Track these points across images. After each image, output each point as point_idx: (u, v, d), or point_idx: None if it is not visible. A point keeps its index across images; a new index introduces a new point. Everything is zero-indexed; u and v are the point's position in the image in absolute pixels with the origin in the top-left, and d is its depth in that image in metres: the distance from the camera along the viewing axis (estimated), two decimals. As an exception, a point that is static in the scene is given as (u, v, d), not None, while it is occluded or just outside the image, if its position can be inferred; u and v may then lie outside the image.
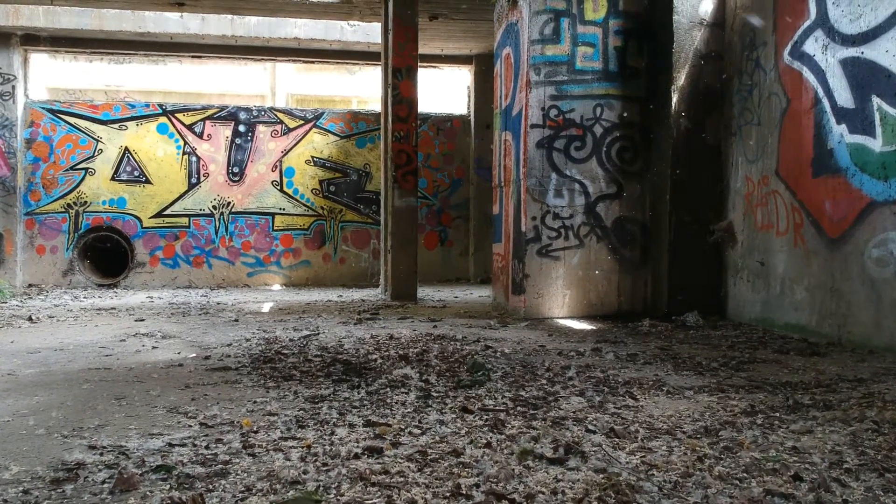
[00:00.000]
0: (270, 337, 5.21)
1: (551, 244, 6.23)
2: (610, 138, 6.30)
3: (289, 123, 12.03)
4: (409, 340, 4.96)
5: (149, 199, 11.63)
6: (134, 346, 4.91)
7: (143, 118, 11.72)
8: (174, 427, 2.81)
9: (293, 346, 4.73)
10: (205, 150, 11.77)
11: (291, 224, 12.00)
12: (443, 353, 4.38)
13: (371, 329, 5.68)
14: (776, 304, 5.39)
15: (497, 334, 5.37)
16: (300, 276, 11.93)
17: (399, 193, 8.61)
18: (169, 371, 3.98)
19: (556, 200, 6.24)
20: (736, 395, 3.31)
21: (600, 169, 6.30)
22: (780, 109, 5.37)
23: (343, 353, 4.44)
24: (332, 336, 5.26)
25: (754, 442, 2.55)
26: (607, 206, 6.32)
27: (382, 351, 4.52)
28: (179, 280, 11.60)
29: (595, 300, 6.29)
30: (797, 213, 5.15)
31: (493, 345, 4.77)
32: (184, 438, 2.64)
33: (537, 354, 4.43)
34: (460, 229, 12.55)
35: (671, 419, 2.89)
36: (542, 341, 4.99)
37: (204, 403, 3.19)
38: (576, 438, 2.58)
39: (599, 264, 6.30)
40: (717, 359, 4.24)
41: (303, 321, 6.26)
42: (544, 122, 6.19)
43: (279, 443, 2.57)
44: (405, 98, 8.63)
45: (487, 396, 3.28)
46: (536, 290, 6.21)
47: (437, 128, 12.55)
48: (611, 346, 4.76)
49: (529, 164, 6.19)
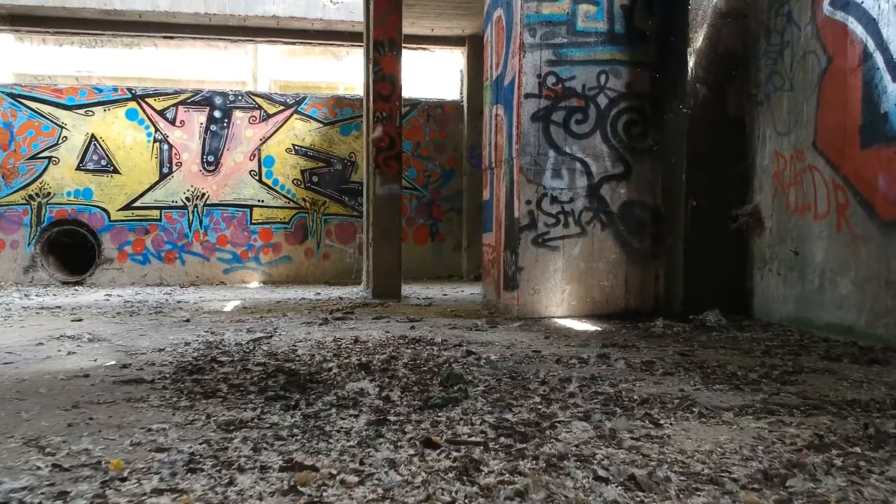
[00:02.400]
0: (215, 340, 4.39)
1: (549, 232, 5.40)
2: (616, 110, 5.47)
3: (268, 109, 11.20)
4: (376, 345, 4.13)
5: (117, 190, 10.81)
6: (48, 350, 4.09)
7: (110, 103, 10.89)
8: (16, 469, 1.99)
9: (236, 352, 3.91)
10: (177, 137, 10.95)
11: (271, 217, 11.17)
12: (414, 361, 3.56)
13: (337, 331, 4.85)
14: (814, 301, 4.56)
15: (484, 337, 4.54)
16: (280, 273, 11.11)
17: (381, 180, 7.78)
18: (67, 384, 3.16)
19: (554, 182, 5.40)
20: (792, 420, 2.49)
21: (605, 145, 5.47)
22: (819, 70, 4.54)
23: (292, 361, 3.62)
24: (287, 339, 4.43)
25: (845, 501, 1.73)
26: (613, 188, 5.49)
27: (342, 357, 3.70)
28: (150, 277, 10.77)
29: (599, 297, 5.46)
30: (841, 191, 4.32)
31: (477, 350, 3.94)
32: (18, 489, 1.83)
33: (530, 362, 3.61)
34: (452, 223, 11.73)
35: (712, 457, 2.07)
36: (536, 345, 4.17)
37: (80, 432, 2.37)
38: (581, 495, 1.76)
39: (604, 255, 5.48)
40: (754, 368, 3.41)
41: (262, 322, 5.44)
42: (540, 91, 5.36)
43: (146, 499, 1.75)
44: (387, 74, 7.80)
45: (462, 420, 2.47)
46: (531, 286, 5.38)
47: (428, 114, 11.71)
48: (620, 351, 3.93)
49: (523, 140, 5.36)
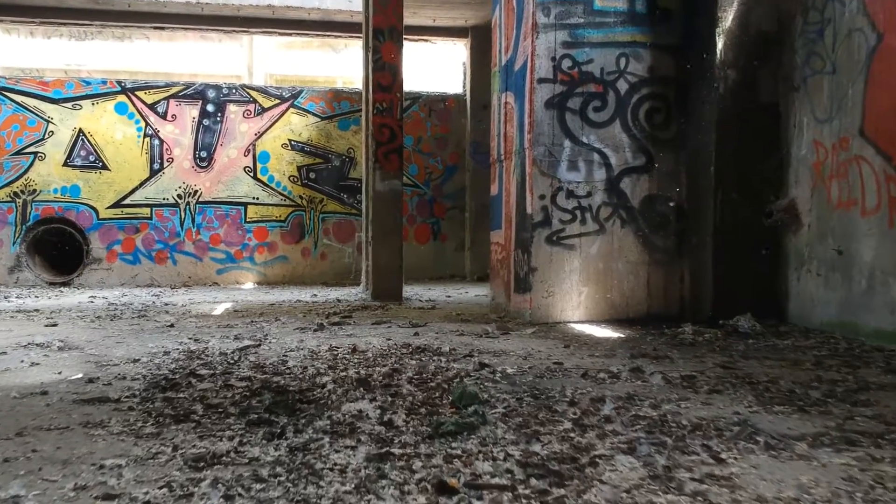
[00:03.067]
0: (198, 349, 3.95)
1: (564, 229, 4.96)
2: (637, 96, 5.03)
3: (263, 103, 10.75)
4: (377, 355, 3.69)
5: (106, 187, 10.36)
6: (10, 361, 3.64)
7: (99, 97, 10.44)
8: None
9: (219, 364, 3.47)
10: (169, 132, 10.50)
11: (266, 215, 10.72)
12: (420, 375, 3.12)
13: (333, 338, 4.41)
14: (861, 305, 4.12)
15: (496, 345, 4.10)
16: (276, 274, 10.66)
17: (381, 175, 7.34)
18: (18, 404, 2.72)
19: (570, 174, 4.96)
20: (881, 454, 2.06)
21: (625, 135, 5.03)
22: (867, 49, 4.10)
23: (282, 375, 3.18)
24: (278, 348, 3.99)
25: None
26: (634, 181, 5.05)
27: (338, 370, 3.26)
28: (140, 278, 10.33)
29: (619, 300, 5.02)
30: (894, 183, 3.89)
31: (490, 361, 3.50)
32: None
33: (553, 377, 3.17)
34: (455, 221, 11.28)
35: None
36: (557, 355, 3.73)
37: (15, 471, 1.93)
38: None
39: (624, 254, 5.04)
40: (811, 384, 2.97)
41: (252, 327, 5.00)
42: (555, 75, 4.92)
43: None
44: (388, 63, 7.36)
45: (481, 454, 2.04)
46: (546, 288, 4.94)
47: (430, 108, 11.27)
48: (653, 363, 3.49)
49: (537, 129, 4.92)
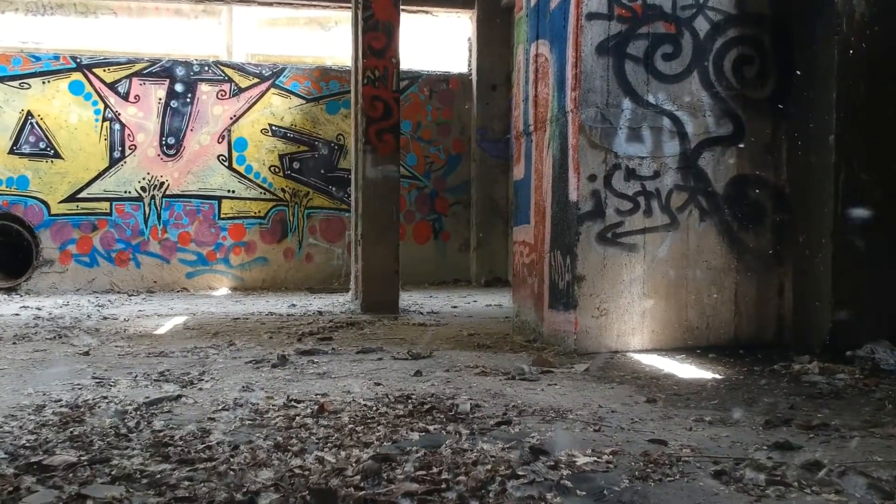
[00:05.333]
0: (91, 400, 2.58)
1: (623, 223, 3.59)
2: (722, 41, 3.66)
3: (240, 82, 9.40)
4: (357, 420, 2.30)
5: (59, 178, 9.00)
6: None
7: (50, 74, 9.08)
8: None
9: (99, 437, 2.10)
10: (131, 115, 9.14)
11: (243, 211, 9.36)
12: (430, 477, 1.74)
13: (297, 379, 3.02)
14: None
15: (541, 397, 2.71)
16: (254, 278, 9.30)
17: (373, 159, 5.98)
18: None
19: (630, 147, 3.60)
20: None
21: (706, 93, 3.66)
22: None
23: (192, 465, 1.80)
24: (208, 401, 2.61)
25: None
26: (717, 156, 3.69)
27: (288, 458, 1.88)
28: (99, 282, 8.96)
29: (696, 320, 3.66)
30: None
31: (544, 439, 2.12)
32: None
33: (667, 477, 1.79)
34: (459, 218, 9.93)
35: None
36: (645, 420, 2.34)
37: None
38: None
39: (704, 258, 3.68)
40: None
41: (192, 357, 3.61)
42: (611, 9, 3.55)
43: None
44: (382, 21, 6.00)
45: None
46: (597, 304, 3.57)
47: (430, 89, 9.91)
48: (808, 435, 2.11)
49: (585, 85, 3.55)
